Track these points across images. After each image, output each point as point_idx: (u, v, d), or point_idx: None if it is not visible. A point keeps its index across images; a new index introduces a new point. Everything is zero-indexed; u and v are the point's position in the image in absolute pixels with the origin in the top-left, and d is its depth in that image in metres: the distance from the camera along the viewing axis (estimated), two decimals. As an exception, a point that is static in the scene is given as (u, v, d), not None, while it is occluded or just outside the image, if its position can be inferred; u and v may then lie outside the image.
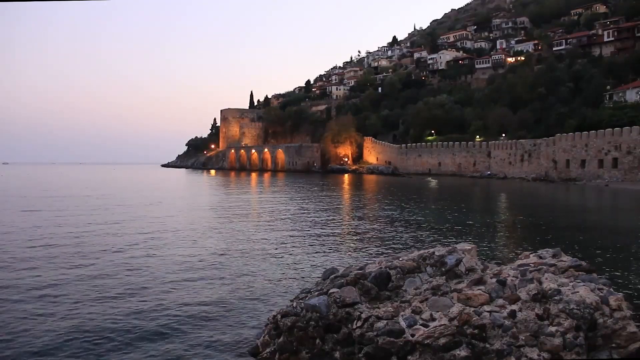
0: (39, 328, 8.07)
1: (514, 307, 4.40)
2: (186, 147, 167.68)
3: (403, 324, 4.39)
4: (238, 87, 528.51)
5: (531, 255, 5.46)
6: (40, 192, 43.55)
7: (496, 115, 77.14)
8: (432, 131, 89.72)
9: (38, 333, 7.86)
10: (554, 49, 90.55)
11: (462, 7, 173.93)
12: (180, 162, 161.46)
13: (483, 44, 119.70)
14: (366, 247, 15.75)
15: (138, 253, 14.67)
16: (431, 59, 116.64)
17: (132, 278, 11.51)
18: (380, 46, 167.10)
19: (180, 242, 16.75)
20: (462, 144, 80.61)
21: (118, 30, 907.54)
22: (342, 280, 4.91)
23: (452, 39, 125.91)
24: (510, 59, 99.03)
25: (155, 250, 15.24)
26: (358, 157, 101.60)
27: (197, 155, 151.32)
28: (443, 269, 4.99)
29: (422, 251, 5.32)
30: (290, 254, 14.61)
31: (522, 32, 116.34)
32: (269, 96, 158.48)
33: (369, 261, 5.31)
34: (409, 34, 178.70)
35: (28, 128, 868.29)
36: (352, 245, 16.43)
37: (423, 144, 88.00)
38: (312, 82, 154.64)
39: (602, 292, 4.45)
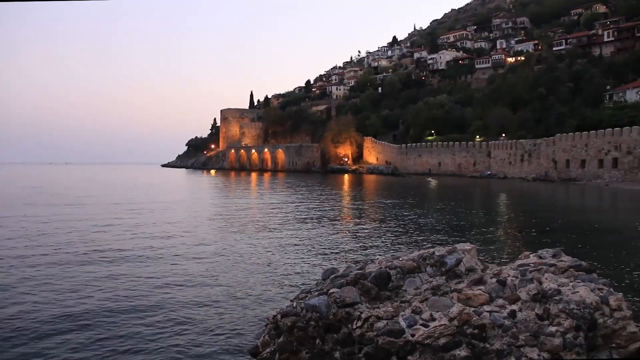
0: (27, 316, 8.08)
1: (514, 307, 4.39)
2: (186, 147, 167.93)
3: (403, 324, 4.39)
4: (238, 87, 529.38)
5: (531, 255, 5.46)
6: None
7: (496, 115, 77.10)
8: (432, 131, 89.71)
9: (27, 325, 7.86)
10: (554, 49, 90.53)
11: (462, 7, 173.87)
12: (180, 162, 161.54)
13: (483, 44, 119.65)
14: (366, 247, 15.75)
15: (137, 253, 14.67)
16: (431, 59, 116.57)
17: (131, 277, 11.51)
18: (380, 46, 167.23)
19: (180, 242, 16.75)
20: (462, 144, 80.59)
21: (117, 31, 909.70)
22: (342, 280, 4.91)
23: (452, 39, 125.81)
24: (510, 59, 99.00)
25: (155, 249, 15.24)
26: (358, 157, 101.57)
27: (197, 155, 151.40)
28: (443, 269, 4.99)
29: (422, 251, 5.32)
30: (290, 254, 14.62)
31: (522, 32, 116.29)
32: (269, 96, 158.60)
33: (369, 261, 5.30)
34: (409, 34, 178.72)
35: (23, 126, 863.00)
36: (352, 245, 16.44)
37: (423, 144, 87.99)
38: (312, 82, 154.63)
39: (602, 292, 4.44)
